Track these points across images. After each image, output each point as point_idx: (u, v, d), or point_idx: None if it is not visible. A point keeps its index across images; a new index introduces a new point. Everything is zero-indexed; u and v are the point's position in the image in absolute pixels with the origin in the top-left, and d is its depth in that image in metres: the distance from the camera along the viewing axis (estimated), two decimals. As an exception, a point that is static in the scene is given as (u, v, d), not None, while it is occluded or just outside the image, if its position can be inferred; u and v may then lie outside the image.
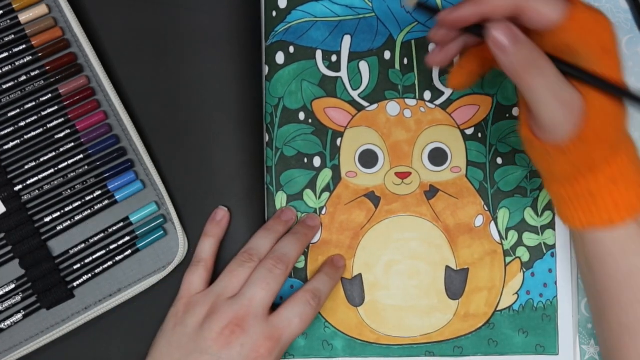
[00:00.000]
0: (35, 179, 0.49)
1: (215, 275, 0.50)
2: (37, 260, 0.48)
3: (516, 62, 0.37)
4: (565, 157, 0.39)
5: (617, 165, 0.39)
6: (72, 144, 0.49)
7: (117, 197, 0.50)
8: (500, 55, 0.37)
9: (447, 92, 0.54)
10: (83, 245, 0.49)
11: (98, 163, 0.49)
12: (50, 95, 0.49)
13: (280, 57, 0.54)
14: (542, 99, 0.38)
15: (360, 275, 0.54)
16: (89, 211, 0.49)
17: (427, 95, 0.54)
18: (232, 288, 0.48)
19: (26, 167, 0.49)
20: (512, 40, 0.37)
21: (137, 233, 0.50)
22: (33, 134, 0.49)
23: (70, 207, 0.49)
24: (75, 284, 0.49)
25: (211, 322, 0.46)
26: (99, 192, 0.49)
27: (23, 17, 0.49)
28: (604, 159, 0.39)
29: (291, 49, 0.54)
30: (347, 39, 0.54)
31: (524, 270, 0.54)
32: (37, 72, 0.49)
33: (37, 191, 0.49)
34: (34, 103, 0.49)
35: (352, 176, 0.54)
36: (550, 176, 0.43)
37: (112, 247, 0.50)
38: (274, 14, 0.54)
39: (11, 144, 0.49)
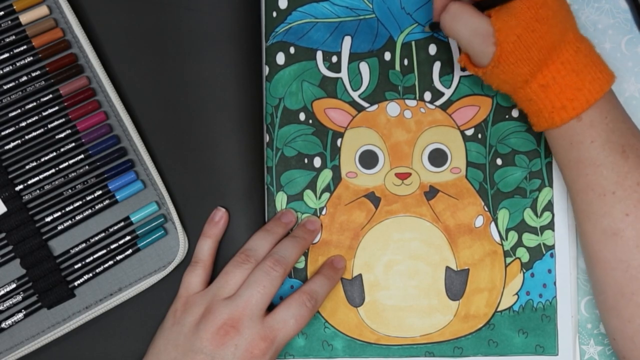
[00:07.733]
0: (36, 179, 0.49)
1: (214, 274, 0.50)
2: (38, 259, 0.49)
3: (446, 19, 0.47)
4: (498, 77, 0.46)
5: (549, 73, 0.44)
6: (73, 144, 0.49)
7: (117, 197, 0.50)
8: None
9: (447, 93, 0.54)
10: (84, 245, 0.49)
11: (98, 163, 0.50)
12: (51, 96, 0.49)
13: (280, 58, 0.54)
14: (463, 37, 0.46)
15: (360, 275, 0.54)
16: (90, 211, 0.50)
17: (427, 96, 0.54)
18: (228, 289, 0.48)
19: (27, 167, 0.49)
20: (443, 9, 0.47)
21: (138, 232, 0.50)
22: (34, 134, 0.49)
23: (71, 207, 0.49)
24: (76, 284, 0.49)
25: (206, 322, 0.46)
26: (99, 192, 0.50)
27: (24, 18, 0.49)
28: (531, 73, 0.44)
29: (291, 50, 0.54)
30: (347, 40, 0.54)
31: (524, 270, 0.54)
32: (37, 72, 0.49)
33: (37, 191, 0.49)
34: (34, 103, 0.49)
35: (352, 177, 0.54)
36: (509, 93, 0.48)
37: (112, 246, 0.50)
38: (275, 14, 0.54)
39: (12, 144, 0.49)
